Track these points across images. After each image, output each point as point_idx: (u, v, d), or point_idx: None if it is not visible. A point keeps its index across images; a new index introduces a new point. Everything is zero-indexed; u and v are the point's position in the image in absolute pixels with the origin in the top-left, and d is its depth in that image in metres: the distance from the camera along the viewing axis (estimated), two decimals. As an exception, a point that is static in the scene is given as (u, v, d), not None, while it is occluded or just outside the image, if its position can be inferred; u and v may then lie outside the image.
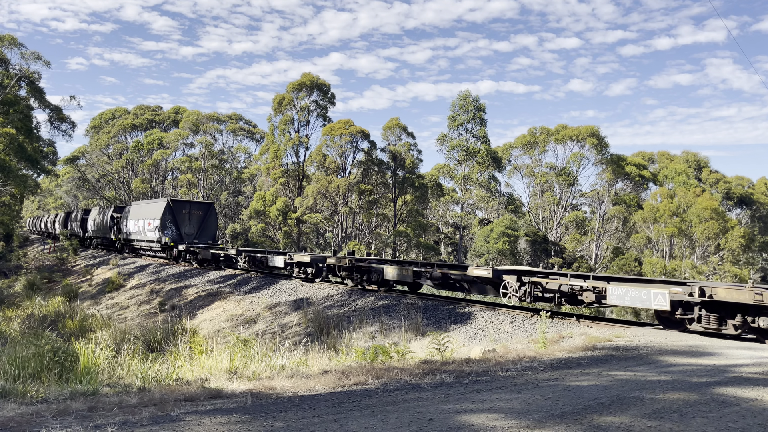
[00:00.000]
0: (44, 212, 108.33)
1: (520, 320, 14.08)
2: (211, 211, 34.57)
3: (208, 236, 33.57)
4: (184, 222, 32.98)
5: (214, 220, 34.54)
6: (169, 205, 33.06)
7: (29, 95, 40.29)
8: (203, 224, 33.69)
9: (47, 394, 6.35)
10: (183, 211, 33.18)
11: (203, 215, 34.01)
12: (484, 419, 5.15)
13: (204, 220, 33.89)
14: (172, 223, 32.77)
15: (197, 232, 33.37)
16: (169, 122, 73.11)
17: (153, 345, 14.63)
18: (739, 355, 9.08)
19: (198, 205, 34.83)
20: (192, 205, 34.22)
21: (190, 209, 33.66)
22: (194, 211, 33.74)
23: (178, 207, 33.40)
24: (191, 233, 33.03)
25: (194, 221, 33.49)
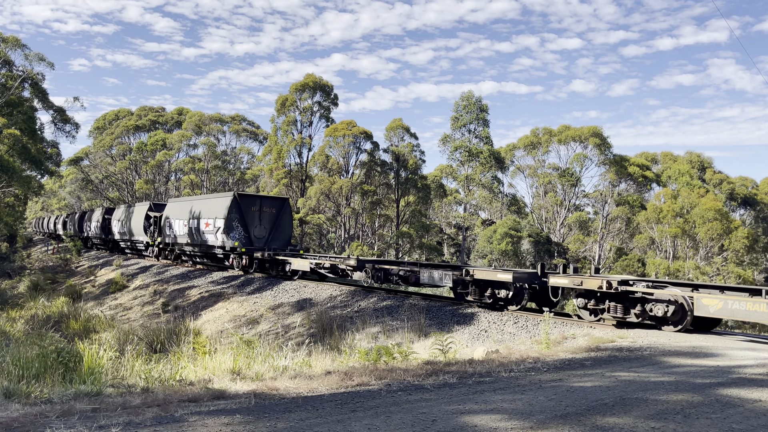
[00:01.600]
0: (48, 213, 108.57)
1: (523, 321, 14.07)
2: (285, 208, 28.13)
3: (282, 240, 27.49)
4: (254, 222, 26.77)
5: (288, 219, 28.35)
6: (236, 201, 26.42)
7: (33, 96, 40.39)
8: (276, 224, 27.47)
9: (51, 394, 6.37)
10: (252, 208, 26.85)
11: (276, 213, 27.62)
12: (487, 420, 5.15)
13: (277, 219, 27.57)
14: (240, 223, 26.47)
15: (269, 234, 27.12)
16: (172, 123, 73.21)
17: (156, 346, 14.65)
18: (743, 356, 9.06)
19: (270, 201, 28.15)
20: (263, 201, 27.59)
21: (261, 206, 27.17)
22: (265, 208, 27.27)
23: (247, 203, 26.82)
24: (262, 236, 26.95)
25: (266, 221, 27.25)
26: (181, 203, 32.36)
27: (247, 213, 26.55)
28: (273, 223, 27.42)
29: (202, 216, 28.51)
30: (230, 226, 26.28)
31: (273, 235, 27.23)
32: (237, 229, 26.38)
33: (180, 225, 31.10)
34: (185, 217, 30.54)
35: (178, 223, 31.46)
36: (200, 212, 28.79)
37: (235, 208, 26.47)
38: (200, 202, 29.77)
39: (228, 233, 26.10)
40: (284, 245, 26.78)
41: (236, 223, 26.37)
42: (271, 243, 26.69)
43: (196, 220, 28.95)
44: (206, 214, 28.21)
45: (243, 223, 26.49)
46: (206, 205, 28.77)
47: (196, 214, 29.22)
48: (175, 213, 32.10)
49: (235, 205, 26.44)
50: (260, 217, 27.00)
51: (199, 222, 28.64)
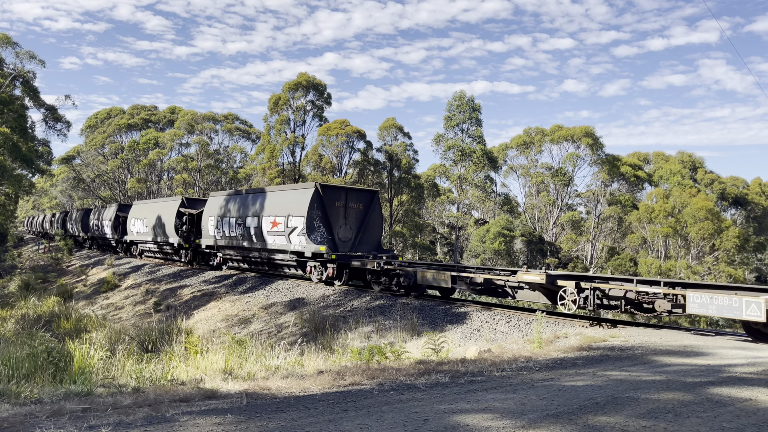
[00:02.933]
0: (39, 212, 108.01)
1: (516, 320, 14.10)
2: (374, 203, 22.55)
3: (371, 243, 22.21)
4: (338, 221, 21.43)
5: (378, 218, 22.86)
6: (319, 194, 20.99)
7: (24, 95, 40.16)
8: (364, 224, 22.08)
9: (41, 394, 6.33)
10: (336, 203, 21.44)
11: (364, 210, 22.18)
12: (479, 419, 5.15)
13: (365, 217, 22.13)
14: (323, 222, 21.07)
15: (355, 236, 21.88)
16: (164, 122, 72.94)
17: (148, 345, 14.59)
18: (734, 355, 9.11)
19: (357, 194, 22.48)
20: (349, 195, 21.96)
21: (347, 200, 21.69)
22: (351, 203, 21.77)
23: (330, 197, 21.33)
24: (347, 238, 21.60)
25: (352, 219, 21.76)
26: (232, 198, 26.54)
27: (330, 209, 21.22)
28: (360, 221, 22.04)
29: (268, 213, 22.97)
30: (311, 227, 20.73)
31: (361, 237, 21.93)
32: (319, 230, 20.97)
33: (230, 225, 25.76)
34: (238, 214, 25.27)
35: (225, 223, 26.17)
36: (264, 209, 23.35)
37: (318, 203, 20.99)
38: (264, 196, 24.09)
39: (309, 235, 20.57)
40: (374, 250, 21.76)
41: (318, 222, 21.03)
42: (358, 247, 21.70)
43: (257, 218, 23.59)
44: (274, 211, 22.70)
45: (326, 223, 21.17)
46: (275, 200, 23.09)
47: (256, 211, 23.80)
48: (221, 210, 26.83)
49: (317, 200, 20.96)
50: (345, 215, 21.63)
51: (260, 221, 23.31)
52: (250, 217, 24.15)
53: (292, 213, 21.54)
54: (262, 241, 23.32)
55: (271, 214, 22.78)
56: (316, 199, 20.95)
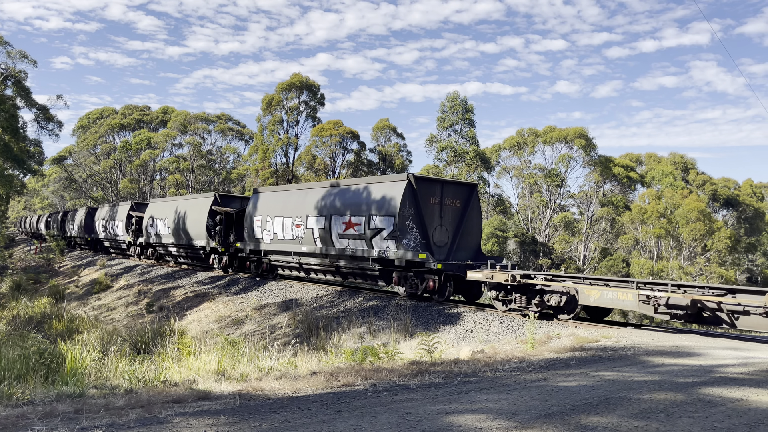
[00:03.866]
0: (30, 212, 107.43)
1: (509, 321, 14.13)
2: (473, 200, 18.63)
3: (470, 249, 18.45)
4: (433, 221, 17.57)
5: (477, 217, 18.86)
6: (412, 188, 17.15)
7: (15, 94, 39.93)
8: (462, 225, 18.16)
9: (33, 396, 6.30)
10: (431, 199, 17.58)
11: (462, 208, 18.30)
12: (472, 420, 5.16)
13: (464, 216, 18.21)
14: (416, 223, 17.20)
15: (452, 240, 17.99)
16: (157, 122, 72.73)
17: (140, 346, 14.54)
18: (725, 356, 9.16)
19: (455, 188, 18.39)
20: (445, 189, 17.97)
21: (443, 196, 17.85)
22: (448, 199, 18.00)
23: (425, 192, 17.44)
24: (443, 243, 17.75)
25: (448, 219, 17.94)
26: (288, 194, 22.39)
27: (425, 207, 17.38)
28: (458, 222, 18.15)
29: (340, 212, 19.00)
30: (403, 229, 16.90)
31: (458, 241, 18.08)
32: (411, 233, 17.12)
33: (283, 226, 21.67)
34: (296, 213, 21.06)
35: (277, 224, 22.16)
36: (335, 207, 19.35)
37: (411, 200, 17.14)
38: (335, 192, 19.79)
39: (400, 239, 16.80)
40: (473, 256, 18.26)
41: (411, 222, 17.13)
42: (456, 254, 17.89)
43: (324, 218, 19.57)
44: (349, 210, 18.72)
45: (420, 224, 17.31)
46: (351, 196, 18.95)
47: (324, 209, 19.78)
48: (271, 208, 22.71)
49: (410, 195, 17.10)
50: (441, 213, 17.78)
51: (329, 222, 19.30)
52: (315, 216, 20.02)
53: (375, 212, 17.62)
54: (330, 246, 19.40)
55: (344, 214, 18.80)
56: (409, 194, 17.11)
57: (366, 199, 18.27)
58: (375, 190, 18.21)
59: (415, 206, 17.25)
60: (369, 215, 17.84)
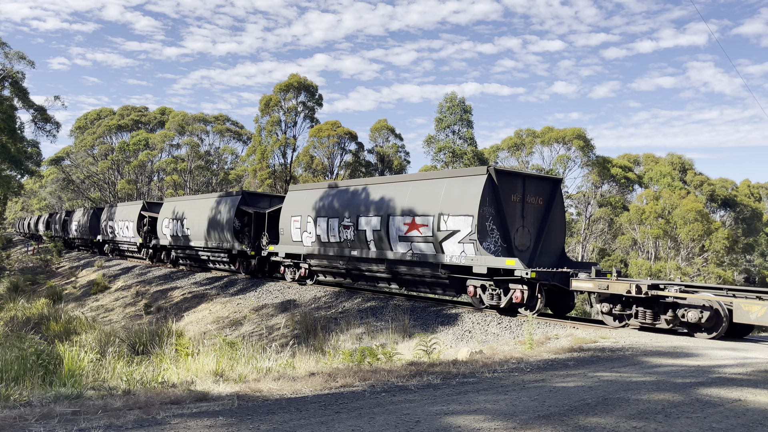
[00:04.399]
0: (28, 213, 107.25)
1: (507, 322, 14.13)
2: (557, 197, 16.71)
3: (553, 253, 16.53)
4: (515, 222, 15.64)
5: (561, 217, 16.94)
6: (492, 183, 15.15)
7: (13, 95, 39.84)
8: (546, 225, 16.26)
9: (30, 397, 6.29)
10: (512, 196, 15.61)
11: (545, 206, 16.41)
12: (470, 421, 5.16)
13: (546, 216, 16.34)
14: (497, 223, 15.22)
15: (536, 243, 16.09)
16: (155, 123, 72.66)
17: (138, 347, 14.53)
18: (723, 356, 9.17)
19: (537, 183, 16.43)
20: (527, 184, 16.00)
21: (524, 192, 15.88)
22: (530, 197, 16.03)
23: (506, 187, 15.48)
24: (525, 246, 15.84)
25: (530, 219, 16.03)
26: (334, 192, 20.05)
27: (506, 205, 15.40)
28: (541, 222, 16.23)
29: (402, 211, 16.87)
30: (483, 230, 14.85)
31: (542, 244, 16.13)
32: (492, 235, 15.12)
33: (329, 227, 19.50)
34: (345, 213, 18.87)
35: (319, 224, 19.90)
36: (394, 205, 17.20)
37: (491, 197, 15.10)
38: (395, 189, 17.64)
39: (480, 242, 14.73)
40: (556, 262, 16.34)
41: (491, 223, 15.11)
42: (539, 259, 15.95)
43: (380, 218, 17.47)
44: (414, 208, 16.53)
45: (501, 224, 15.30)
46: (417, 193, 16.71)
47: (379, 208, 17.64)
48: (312, 208, 20.40)
49: (490, 191, 15.07)
50: (523, 213, 15.85)
51: (387, 222, 17.21)
52: (368, 217, 17.94)
53: (448, 210, 15.50)
54: (386, 250, 17.33)
55: (407, 213, 16.69)
56: (489, 190, 15.05)
57: (435, 196, 16.05)
58: (447, 186, 15.99)
59: (496, 204, 15.20)
60: (439, 215, 15.72)
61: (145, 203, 37.18)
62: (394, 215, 17.09)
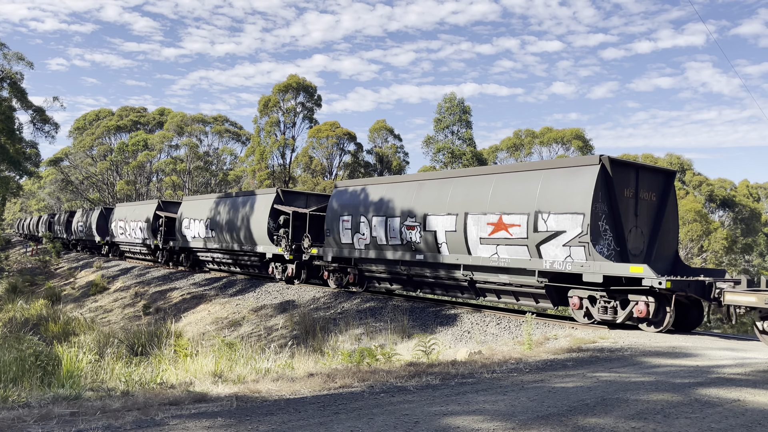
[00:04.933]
0: (27, 214, 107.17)
1: (506, 322, 14.13)
2: (671, 192, 14.80)
3: (666, 258, 14.58)
4: (628, 221, 13.62)
5: (675, 214, 15.00)
6: (606, 175, 13.14)
7: (11, 96, 39.82)
8: (660, 225, 14.29)
9: (29, 398, 6.28)
10: (624, 191, 13.60)
11: (659, 202, 14.46)
12: (469, 421, 5.16)
13: (661, 214, 14.35)
14: (609, 223, 13.23)
15: (649, 244, 14.06)
16: (153, 124, 72.66)
17: (137, 348, 14.52)
18: (722, 356, 9.18)
19: (651, 176, 14.39)
20: (641, 176, 14.00)
21: (637, 186, 13.86)
22: (643, 191, 14.03)
23: (620, 180, 13.45)
24: (638, 249, 13.81)
25: (644, 217, 14.01)
26: (388, 188, 18.25)
27: (621, 202, 13.34)
28: (654, 222, 14.26)
29: (482, 209, 14.85)
30: (596, 231, 12.85)
31: (656, 247, 14.10)
32: (605, 237, 13.13)
33: (386, 227, 17.60)
34: (404, 211, 17.03)
35: (374, 225, 18.01)
36: (472, 202, 15.20)
37: (604, 192, 13.12)
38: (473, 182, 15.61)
39: (594, 245, 12.68)
40: (670, 268, 14.45)
41: (604, 223, 13.11)
42: (654, 264, 13.34)
43: (454, 218, 15.45)
44: (500, 205, 14.48)
45: (614, 224, 13.31)
46: (503, 187, 14.72)
47: (451, 206, 15.64)
48: (363, 206, 18.67)
49: (603, 185, 13.08)
50: (636, 211, 13.80)
51: (463, 222, 15.22)
52: (439, 216, 15.90)
53: (548, 208, 13.42)
54: (463, 254, 15.32)
55: (491, 211, 14.61)
56: (602, 183, 12.97)
57: (529, 191, 13.97)
58: (544, 179, 13.83)
59: (609, 201, 13.13)
60: (536, 213, 13.60)
61: (161, 202, 34.89)
62: (474, 214, 15.00)
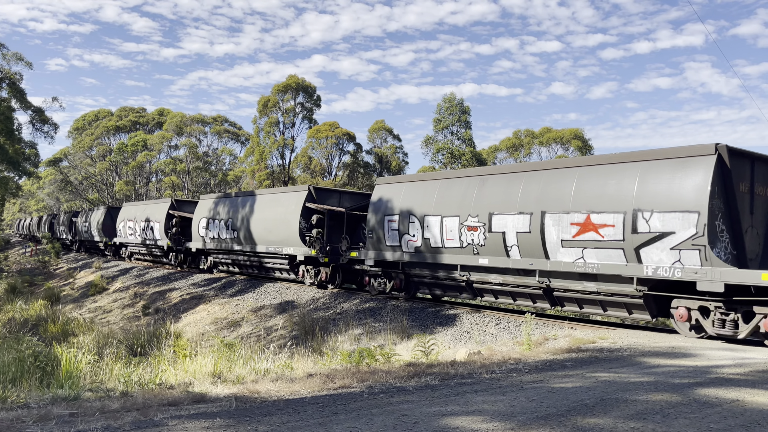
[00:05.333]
0: (26, 215, 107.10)
1: (505, 322, 14.13)
2: None
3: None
4: (744, 220, 11.78)
5: None
6: (723, 167, 11.28)
7: (10, 96, 39.79)
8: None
9: (28, 399, 6.28)
10: (741, 185, 11.75)
11: None
12: (468, 422, 5.16)
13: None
14: (726, 223, 11.47)
15: (764, 246, 12.45)
16: (153, 124, 72.63)
17: (136, 349, 14.51)
18: (720, 356, 9.18)
19: (767, 167, 12.49)
20: (756, 168, 12.13)
21: (752, 180, 12.04)
22: (759, 185, 12.25)
23: (736, 172, 11.51)
24: (755, 252, 12.21)
25: (759, 214, 12.26)
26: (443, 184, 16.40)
27: (738, 198, 11.66)
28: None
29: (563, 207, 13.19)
30: (713, 232, 11.17)
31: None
32: (722, 240, 11.45)
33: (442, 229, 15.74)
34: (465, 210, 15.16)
35: (428, 225, 16.10)
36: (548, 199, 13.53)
37: (720, 186, 11.41)
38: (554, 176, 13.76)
39: (711, 248, 11.07)
40: None
41: (721, 222, 11.40)
42: None
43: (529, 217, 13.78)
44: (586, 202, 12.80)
45: (730, 224, 11.66)
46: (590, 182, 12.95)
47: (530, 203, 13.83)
48: (410, 204, 16.79)
49: (719, 179, 11.36)
50: (751, 208, 12.11)
51: (542, 222, 13.50)
52: (509, 215, 14.10)
53: (650, 205, 11.79)
54: (540, 258, 13.61)
55: (575, 209, 12.94)
56: (718, 177, 11.27)
57: (624, 186, 12.29)
58: (643, 172, 12.13)
59: (725, 197, 11.40)
60: (634, 212, 11.97)
61: (174, 201, 32.86)
62: (554, 213, 13.29)
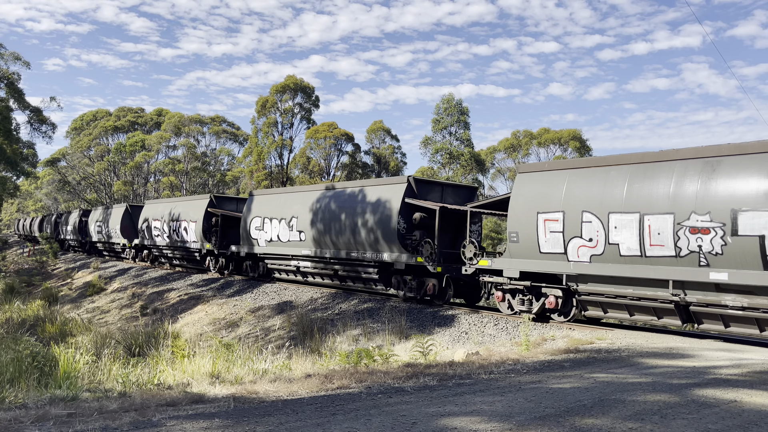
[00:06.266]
0: (24, 215, 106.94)
1: (503, 323, 14.14)
2: None
3: None
4: None
5: None
6: None
7: (8, 96, 39.72)
8: None
9: (26, 399, 6.27)
10: None
11: None
12: (467, 422, 5.16)
13: None
14: None
15: None
16: (151, 124, 72.53)
17: (134, 349, 14.49)
18: (718, 357, 9.19)
19: None
20: None
21: None
22: None
23: None
24: None
25: None
26: (643, 168, 11.97)
27: None
28: None
29: None
30: None
31: None
32: None
33: (635, 229, 11.74)
34: (702, 199, 10.92)
35: (618, 225, 11.97)
36: None
37: None
38: None
39: None
40: None
41: None
42: None
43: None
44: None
45: None
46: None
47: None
48: (597, 196, 12.45)
49: None
50: None
51: None
52: (764, 212, 10.19)
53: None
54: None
55: None
56: None
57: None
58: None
59: None
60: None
61: (213, 197, 28.35)
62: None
